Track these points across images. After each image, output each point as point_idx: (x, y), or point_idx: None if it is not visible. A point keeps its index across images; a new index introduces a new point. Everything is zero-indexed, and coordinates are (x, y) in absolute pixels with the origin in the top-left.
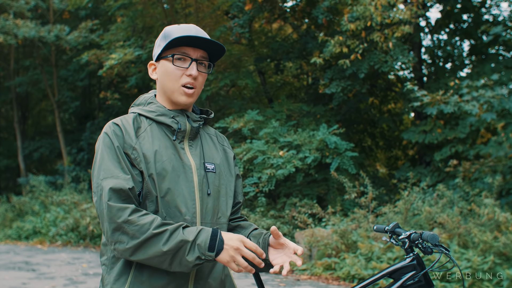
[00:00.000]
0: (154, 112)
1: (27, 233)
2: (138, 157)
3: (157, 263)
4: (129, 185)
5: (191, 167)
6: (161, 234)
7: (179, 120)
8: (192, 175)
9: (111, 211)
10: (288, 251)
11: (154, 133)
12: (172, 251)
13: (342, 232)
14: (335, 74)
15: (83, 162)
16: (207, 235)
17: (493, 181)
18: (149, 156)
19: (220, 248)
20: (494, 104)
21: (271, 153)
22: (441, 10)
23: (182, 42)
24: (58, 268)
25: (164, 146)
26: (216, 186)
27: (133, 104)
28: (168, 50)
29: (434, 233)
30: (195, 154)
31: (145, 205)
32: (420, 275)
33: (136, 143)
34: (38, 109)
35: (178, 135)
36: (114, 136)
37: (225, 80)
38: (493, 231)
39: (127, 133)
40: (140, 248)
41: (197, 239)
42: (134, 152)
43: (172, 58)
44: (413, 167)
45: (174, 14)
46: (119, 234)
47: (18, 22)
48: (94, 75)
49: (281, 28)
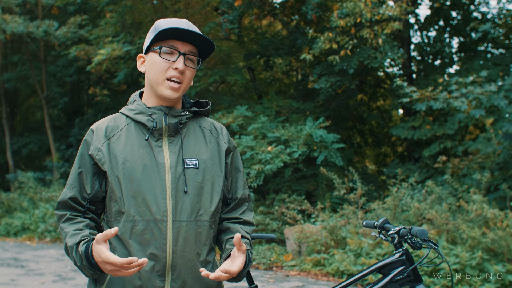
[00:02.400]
0: (134, 110)
1: (15, 230)
2: (103, 158)
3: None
4: (69, 195)
5: (164, 165)
6: (68, 250)
7: (155, 118)
8: (165, 173)
9: (56, 216)
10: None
11: (130, 132)
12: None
13: (331, 228)
14: (324, 70)
15: (72, 158)
16: (85, 258)
17: (481, 178)
18: (118, 157)
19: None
20: (483, 100)
21: (259, 148)
22: (430, 7)
23: (171, 35)
24: (47, 265)
25: (138, 145)
26: (198, 183)
27: (128, 103)
28: (156, 43)
29: (423, 228)
30: (174, 151)
31: (110, 205)
32: (409, 270)
33: (104, 144)
34: (27, 105)
35: (154, 133)
36: (84, 143)
37: (215, 77)
38: (481, 227)
39: (97, 135)
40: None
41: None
42: (99, 153)
43: (159, 50)
44: (402, 164)
45: (163, 9)
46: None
47: (6, 17)
48: (83, 71)
49: (270, 25)
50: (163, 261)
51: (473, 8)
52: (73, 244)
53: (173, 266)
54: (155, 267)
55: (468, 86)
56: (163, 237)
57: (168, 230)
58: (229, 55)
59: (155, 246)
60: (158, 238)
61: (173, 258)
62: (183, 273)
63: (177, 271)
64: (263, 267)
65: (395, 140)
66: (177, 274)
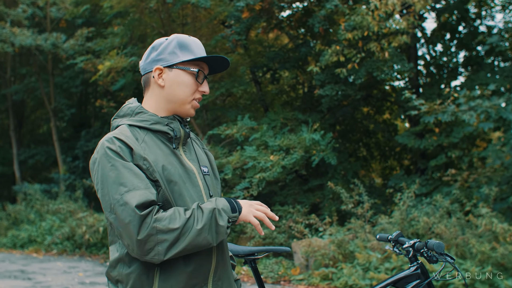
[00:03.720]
0: (148, 121)
1: (22, 242)
2: (150, 167)
3: (196, 245)
4: (153, 196)
5: (194, 172)
6: (191, 217)
7: (173, 127)
8: (197, 179)
9: (138, 220)
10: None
11: (151, 142)
12: (206, 226)
13: (339, 242)
14: (328, 78)
15: (78, 171)
16: (224, 201)
17: (489, 192)
18: (157, 166)
19: (240, 208)
20: (491, 114)
21: (261, 158)
22: (436, 20)
23: (198, 57)
24: (54, 277)
25: (165, 154)
26: (214, 188)
27: (116, 115)
28: (188, 62)
29: (440, 241)
30: (192, 159)
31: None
32: (425, 284)
33: (145, 153)
34: (34, 117)
35: (175, 141)
36: (121, 151)
37: (221, 89)
38: (491, 242)
39: (134, 144)
40: (179, 238)
41: (218, 206)
42: (146, 162)
43: (196, 73)
44: (408, 176)
45: (171, 23)
46: (155, 236)
47: (15, 30)
48: (90, 84)
49: (277, 38)
50: (209, 266)
51: (479, 22)
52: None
53: (216, 268)
54: (202, 269)
55: (476, 100)
56: None
57: None
58: (235, 68)
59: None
60: None
61: (216, 262)
62: (222, 275)
63: (218, 273)
64: (270, 281)
65: (401, 153)
66: (218, 275)
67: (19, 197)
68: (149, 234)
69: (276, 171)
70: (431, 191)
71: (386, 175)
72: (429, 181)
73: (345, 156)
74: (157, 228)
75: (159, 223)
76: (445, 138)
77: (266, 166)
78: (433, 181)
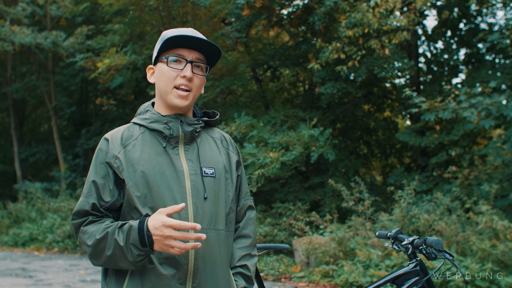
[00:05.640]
0: (148, 119)
1: (23, 240)
2: (121, 166)
3: (116, 266)
4: (88, 206)
5: (184, 172)
6: (103, 239)
7: (171, 126)
8: (185, 180)
9: (73, 227)
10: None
11: (145, 140)
12: (116, 255)
13: (340, 240)
14: (328, 75)
15: (79, 169)
16: (135, 232)
17: (490, 189)
18: (135, 165)
19: (151, 241)
20: (492, 111)
21: (261, 155)
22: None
23: (177, 44)
24: (56, 275)
25: (155, 153)
26: (215, 192)
27: (136, 114)
28: (163, 53)
29: (439, 238)
30: (191, 158)
31: (130, 212)
32: (424, 281)
33: (120, 152)
34: (35, 116)
35: (171, 140)
36: (99, 152)
37: (221, 86)
38: (491, 239)
39: (112, 143)
40: (96, 254)
41: (129, 239)
42: (117, 161)
43: (166, 60)
44: (408, 173)
45: (171, 21)
46: (82, 244)
47: (14, 28)
48: (91, 82)
49: (277, 36)
50: (185, 268)
51: (479, 20)
52: (114, 229)
53: (194, 273)
54: (176, 274)
55: (477, 97)
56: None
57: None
58: (236, 66)
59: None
60: None
61: (194, 265)
62: (203, 281)
63: (198, 278)
64: (271, 278)
65: (402, 151)
66: (198, 281)
67: (20, 195)
68: (79, 242)
69: (275, 168)
70: (431, 188)
71: (387, 173)
72: (430, 178)
73: (345, 153)
74: (81, 239)
75: (83, 235)
76: (445, 135)
77: (265, 162)
78: (433, 178)
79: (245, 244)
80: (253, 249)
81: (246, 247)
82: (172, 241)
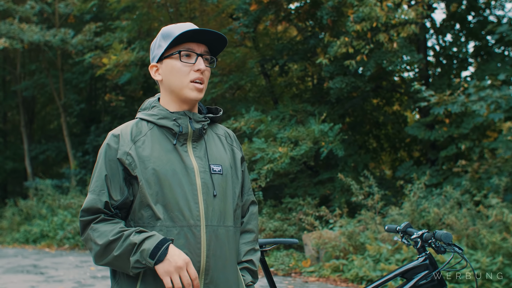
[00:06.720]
0: (156, 115)
1: (34, 237)
2: (133, 162)
3: (117, 267)
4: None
5: (194, 170)
6: (116, 241)
7: (180, 123)
8: (195, 177)
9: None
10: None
11: (154, 137)
12: (122, 256)
13: (350, 234)
14: (337, 70)
15: (89, 165)
16: (154, 242)
17: (500, 182)
18: (146, 162)
19: (161, 258)
20: (502, 104)
21: (270, 149)
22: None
23: (185, 39)
24: (66, 271)
25: (165, 150)
26: (223, 188)
27: (140, 109)
28: (171, 49)
29: (448, 232)
30: (199, 156)
31: (141, 210)
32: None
33: (132, 149)
34: (44, 113)
35: (180, 137)
36: (107, 148)
37: (230, 82)
38: (501, 232)
39: (123, 140)
40: (103, 254)
41: (143, 243)
42: (129, 157)
43: (179, 55)
44: (418, 167)
45: (178, 17)
46: (89, 241)
47: (23, 26)
48: (100, 78)
49: (285, 31)
50: (197, 266)
51: (488, 12)
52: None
53: (207, 270)
54: None
55: (486, 90)
56: (197, 242)
57: (202, 234)
58: (244, 62)
59: (189, 250)
60: (192, 242)
61: (206, 262)
62: (215, 278)
63: (210, 275)
64: (281, 273)
65: (411, 145)
66: (210, 278)
67: (30, 192)
68: (86, 238)
69: (284, 162)
70: (441, 182)
71: (396, 167)
72: (440, 172)
73: (355, 148)
74: (90, 236)
75: (93, 233)
76: (455, 129)
77: (274, 157)
78: (443, 172)
79: (250, 239)
80: (256, 243)
81: (251, 242)
82: (177, 274)
